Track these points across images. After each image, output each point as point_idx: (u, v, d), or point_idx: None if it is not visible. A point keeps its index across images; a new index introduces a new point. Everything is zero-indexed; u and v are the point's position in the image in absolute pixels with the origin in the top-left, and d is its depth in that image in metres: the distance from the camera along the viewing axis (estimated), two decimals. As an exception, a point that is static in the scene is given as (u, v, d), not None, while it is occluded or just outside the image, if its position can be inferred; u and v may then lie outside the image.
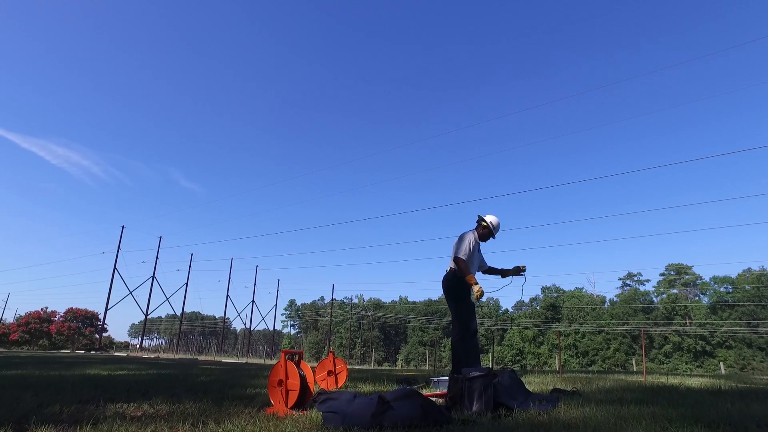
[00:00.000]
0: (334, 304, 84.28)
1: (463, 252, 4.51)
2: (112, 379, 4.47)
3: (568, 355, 55.62)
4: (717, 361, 48.56)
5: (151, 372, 5.94)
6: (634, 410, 2.29)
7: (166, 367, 8.35)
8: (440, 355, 69.48)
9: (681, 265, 58.48)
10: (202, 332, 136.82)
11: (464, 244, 4.56)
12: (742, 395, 3.35)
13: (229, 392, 3.58)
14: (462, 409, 2.63)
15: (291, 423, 2.14)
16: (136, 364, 9.22)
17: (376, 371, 6.77)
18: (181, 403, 2.74)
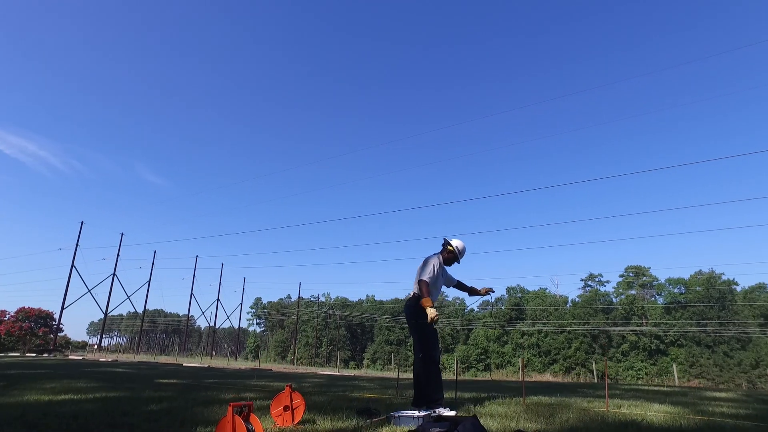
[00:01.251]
0: (300, 302, 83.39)
1: (427, 275, 4.45)
2: (50, 411, 4.08)
3: (531, 354, 56.81)
4: (669, 359, 50.58)
5: (98, 396, 5.52)
6: None
7: (118, 383, 7.86)
8: (406, 354, 69.80)
9: (639, 267, 60.63)
10: (165, 330, 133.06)
11: (429, 268, 4.50)
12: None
13: (181, 430, 3.30)
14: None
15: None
16: (86, 379, 8.65)
17: (336, 393, 6.52)
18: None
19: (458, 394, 6.24)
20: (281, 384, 8.33)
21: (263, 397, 5.68)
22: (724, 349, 49.71)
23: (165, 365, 24.75)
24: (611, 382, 48.00)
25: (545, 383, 14.76)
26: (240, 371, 20.48)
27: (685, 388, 11.25)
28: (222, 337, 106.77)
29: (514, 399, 5.60)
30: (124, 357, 43.68)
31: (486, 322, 66.91)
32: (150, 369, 16.32)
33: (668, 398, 6.66)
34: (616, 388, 9.39)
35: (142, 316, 63.51)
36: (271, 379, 11.12)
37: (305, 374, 19.09)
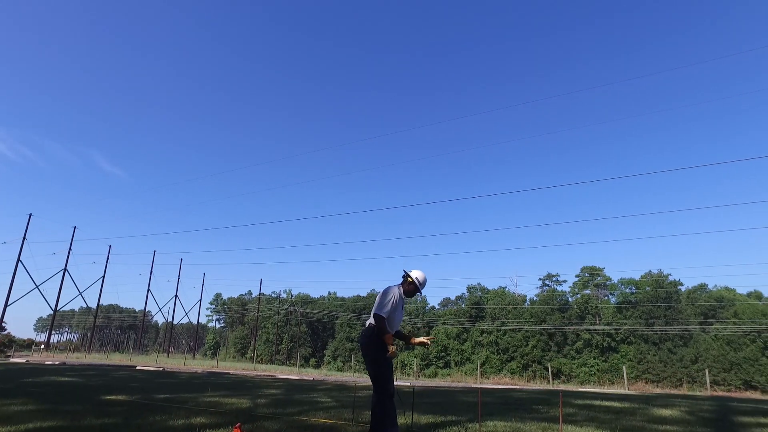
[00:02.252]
0: (261, 298, 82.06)
1: (384, 309, 4.34)
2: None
3: (490, 351, 57.91)
4: (620, 356, 52.67)
5: (30, 427, 5.11)
6: None
7: (59, 402, 7.37)
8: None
9: (594, 267, 62.75)
10: (121, 326, 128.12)
11: (387, 301, 4.39)
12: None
13: None
14: None
15: None
16: (24, 397, 8.11)
17: (292, 415, 6.35)
18: None
19: (415, 418, 6.18)
20: (235, 402, 8.06)
21: (213, 424, 5.44)
22: (669, 346, 52.17)
23: (117, 369, 23.68)
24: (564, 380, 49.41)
25: (502, 393, 15.00)
26: (196, 376, 19.83)
27: (633, 400, 11.63)
28: (180, 333, 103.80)
29: (470, 426, 5.57)
30: (73, 357, 41.65)
31: (446, 320, 67.77)
32: (99, 376, 15.54)
33: (619, 420, 6.81)
34: (570, 404, 9.57)
35: (95, 313, 60.79)
36: (226, 391, 10.77)
37: (263, 380, 18.69)
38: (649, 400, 12.15)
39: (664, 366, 50.05)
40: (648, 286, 58.15)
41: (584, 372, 52.81)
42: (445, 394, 12.53)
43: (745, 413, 8.83)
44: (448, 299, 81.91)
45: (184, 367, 32.04)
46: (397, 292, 4.49)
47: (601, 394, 15.36)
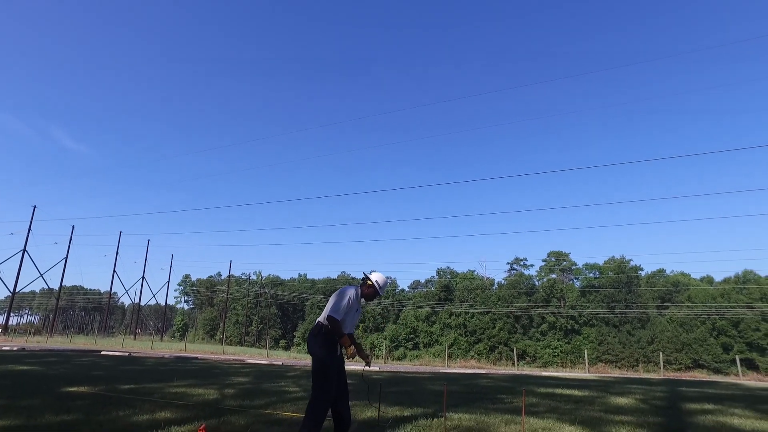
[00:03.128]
0: (231, 280, 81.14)
1: (337, 312, 4.27)
2: None
3: (458, 333, 59.14)
4: (582, 338, 54.73)
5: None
6: None
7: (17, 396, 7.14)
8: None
9: (561, 252, 64.55)
10: (85, 308, 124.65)
11: (341, 303, 4.33)
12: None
13: None
14: None
15: None
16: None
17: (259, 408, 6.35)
18: None
19: (382, 410, 6.27)
20: (202, 393, 8.00)
21: (178, 420, 5.39)
22: (628, 329, 54.52)
23: (80, 354, 23.05)
24: (529, 361, 50.96)
25: (468, 381, 15.34)
26: (163, 362, 19.55)
27: (593, 387, 12.10)
28: (147, 315, 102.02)
29: (436, 421, 5.70)
30: (34, 341, 40.31)
31: (416, 302, 68.70)
32: (61, 363, 15.12)
33: (578, 410, 7.10)
34: (533, 393, 9.90)
35: (57, 294, 58.87)
36: (193, 380, 10.68)
37: (231, 366, 18.60)
38: (608, 386, 12.69)
39: (623, 347, 52.31)
40: (611, 271, 60.31)
41: (548, 354, 54.66)
42: (414, 381, 12.76)
43: (692, 399, 9.36)
44: (418, 282, 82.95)
45: (151, 351, 31.56)
46: (354, 295, 4.42)
47: (563, 381, 15.95)
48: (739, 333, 49.14)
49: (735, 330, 49.45)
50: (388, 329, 65.79)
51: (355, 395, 8.42)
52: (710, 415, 6.97)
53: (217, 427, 4.96)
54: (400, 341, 62.92)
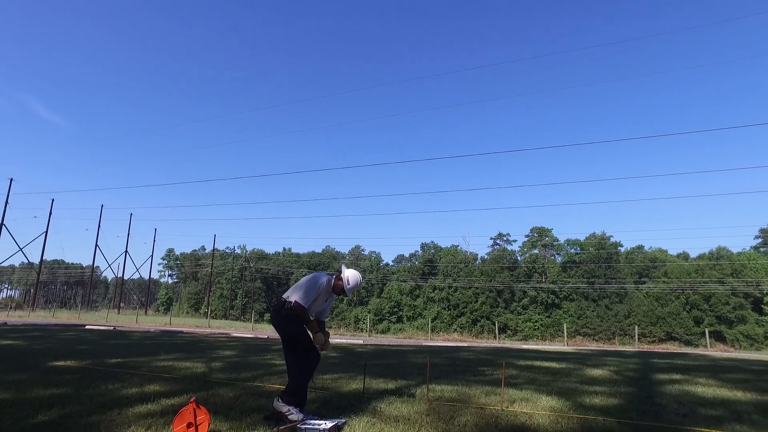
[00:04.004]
0: (215, 254, 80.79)
1: (304, 299, 4.30)
2: None
3: (441, 307, 60.19)
4: (562, 312, 56.19)
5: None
6: None
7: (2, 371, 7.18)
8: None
9: (543, 228, 65.57)
10: (67, 282, 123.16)
11: (310, 292, 4.34)
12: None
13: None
14: None
15: None
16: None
17: (246, 381, 6.49)
18: None
19: (367, 382, 6.48)
20: (190, 367, 8.13)
21: (167, 392, 5.51)
22: (606, 303, 56.10)
23: (64, 329, 22.97)
24: (510, 334, 52.23)
25: (450, 353, 15.72)
26: (149, 336, 19.63)
27: (570, 360, 12.54)
28: (131, 289, 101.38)
29: (419, 391, 5.92)
30: (15, 316, 39.89)
31: (400, 276, 69.48)
32: (45, 338, 15.10)
33: (555, 382, 7.42)
34: (513, 365, 10.25)
35: (38, 268, 58.01)
36: (180, 353, 10.80)
37: (218, 339, 18.77)
38: (584, 359, 13.18)
39: (601, 321, 53.91)
40: (591, 247, 61.56)
41: (529, 327, 56.08)
42: (398, 354, 13.08)
43: (661, 370, 9.83)
44: (402, 256, 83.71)
45: (136, 325, 31.58)
46: (325, 284, 4.43)
47: (542, 353, 16.48)
48: (710, 307, 50.94)
49: (707, 304, 51.23)
50: (373, 303, 66.61)
51: (343, 368, 8.65)
52: (677, 385, 7.37)
53: (206, 399, 5.09)
54: (384, 315, 63.84)
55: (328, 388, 6.16)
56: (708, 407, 5.62)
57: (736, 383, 7.79)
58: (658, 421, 4.72)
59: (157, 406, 4.75)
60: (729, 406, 5.72)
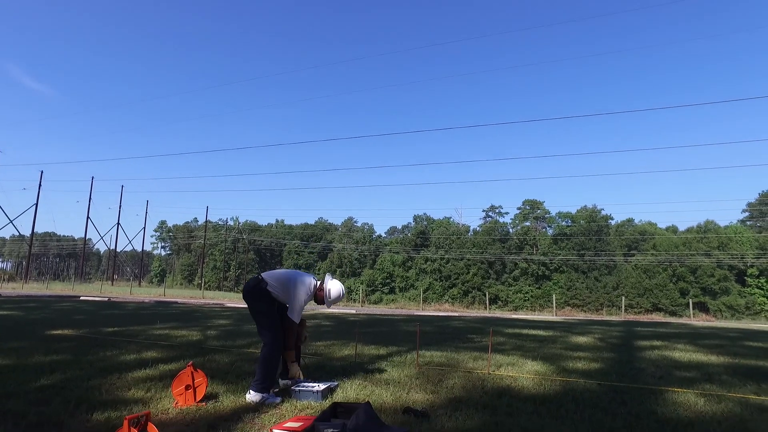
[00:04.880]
0: (208, 226, 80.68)
1: (296, 312, 4.27)
2: None
3: (433, 278, 60.95)
4: (552, 284, 57.13)
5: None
6: None
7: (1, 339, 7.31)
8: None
9: (535, 201, 65.96)
10: (59, 254, 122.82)
11: (300, 301, 4.28)
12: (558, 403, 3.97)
13: (75, 418, 3.21)
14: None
15: None
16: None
17: (241, 348, 6.69)
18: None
19: (359, 349, 6.70)
20: (185, 335, 8.33)
21: (165, 359, 5.69)
22: (595, 275, 57.07)
23: (59, 300, 23.14)
24: (501, 305, 53.15)
25: (441, 322, 16.08)
26: (144, 306, 19.85)
27: (557, 328, 12.89)
28: (124, 261, 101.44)
29: (409, 357, 6.14)
30: (9, 287, 39.94)
31: (392, 248, 69.98)
32: (41, 308, 15.24)
33: (541, 348, 7.70)
34: (501, 333, 10.55)
35: (30, 241, 57.79)
36: (176, 323, 11.00)
37: (212, 309, 19.02)
38: (571, 327, 13.58)
39: (590, 292, 54.95)
40: (582, 219, 62.14)
41: (519, 298, 57.07)
42: (389, 323, 13.38)
43: (644, 338, 10.20)
44: (395, 228, 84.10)
45: (131, 297, 31.80)
46: (310, 292, 4.39)
47: (530, 322, 16.90)
48: (695, 279, 52.01)
49: (693, 276, 52.28)
50: (365, 274, 67.26)
51: (335, 335, 8.89)
52: (656, 350, 7.69)
53: (202, 364, 5.26)
54: (376, 286, 64.57)
55: (321, 354, 6.37)
56: (683, 370, 5.91)
57: (711, 348, 8.14)
58: (636, 382, 4.97)
59: (155, 371, 4.92)
60: (702, 368, 6.02)
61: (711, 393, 4.57)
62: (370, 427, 3.16)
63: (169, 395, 3.89)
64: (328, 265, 73.12)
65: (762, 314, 46.25)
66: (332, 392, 4.21)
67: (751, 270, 51.84)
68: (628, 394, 4.38)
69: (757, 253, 52.17)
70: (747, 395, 4.54)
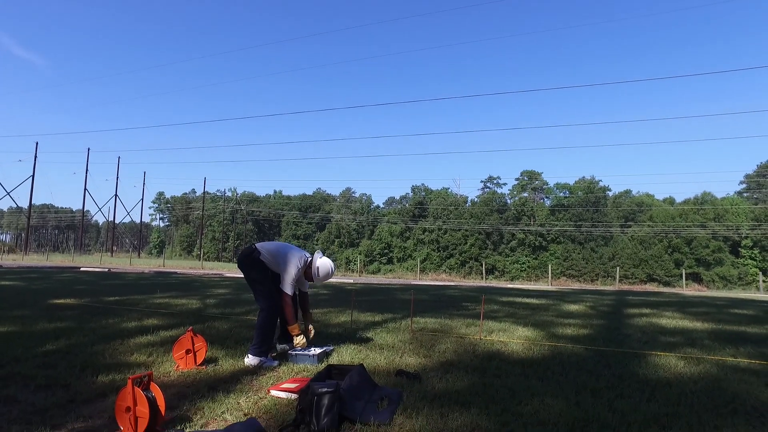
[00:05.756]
0: (206, 197, 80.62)
1: (288, 285, 4.31)
2: None
3: (431, 249, 61.38)
4: (549, 254, 57.63)
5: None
6: (458, 420, 2.68)
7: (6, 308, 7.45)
8: (312, 248, 72.00)
9: (533, 171, 65.88)
10: (58, 226, 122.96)
11: (293, 274, 4.31)
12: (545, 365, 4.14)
13: (81, 381, 3.37)
14: (310, 424, 2.83)
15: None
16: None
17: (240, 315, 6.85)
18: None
19: (355, 316, 6.87)
20: (185, 303, 8.50)
21: (165, 326, 5.85)
22: (592, 246, 57.54)
23: (60, 271, 23.36)
24: (498, 275, 53.73)
25: (437, 291, 16.31)
26: (144, 276, 20.07)
27: (551, 297, 13.13)
28: (123, 233, 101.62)
29: (404, 323, 6.32)
30: (9, 259, 40.16)
31: (390, 218, 70.19)
32: (42, 278, 15.43)
33: (533, 316, 7.90)
34: (494, 301, 10.76)
35: (27, 213, 57.78)
36: (175, 292, 11.19)
37: (211, 279, 19.25)
38: (564, 296, 13.84)
39: (586, 263, 55.52)
40: (580, 190, 62.21)
41: (516, 269, 57.67)
42: (386, 291, 13.61)
43: (634, 305, 10.45)
44: (393, 198, 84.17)
45: (130, 267, 32.06)
46: (301, 266, 4.40)
47: (524, 291, 17.20)
48: (690, 250, 52.52)
49: (688, 247, 52.77)
50: (363, 244, 67.66)
51: (332, 303, 9.09)
52: (645, 317, 7.91)
53: (202, 330, 5.43)
54: (374, 256, 65.05)
55: (317, 320, 6.54)
56: (668, 335, 6.11)
57: (697, 315, 8.38)
58: (621, 347, 5.16)
59: (157, 337, 5.08)
60: (687, 334, 6.23)
61: (691, 356, 4.75)
62: (362, 387, 3.32)
63: (170, 359, 4.04)
64: (326, 235, 73.45)
65: (753, 284, 46.92)
66: (328, 356, 4.36)
67: (745, 241, 52.32)
68: (613, 358, 4.56)
69: (752, 225, 52.54)
70: (725, 357, 4.73)
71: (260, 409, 2.90)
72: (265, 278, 4.43)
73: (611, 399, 3.16)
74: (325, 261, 4.53)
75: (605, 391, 3.35)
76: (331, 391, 2.97)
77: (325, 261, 4.53)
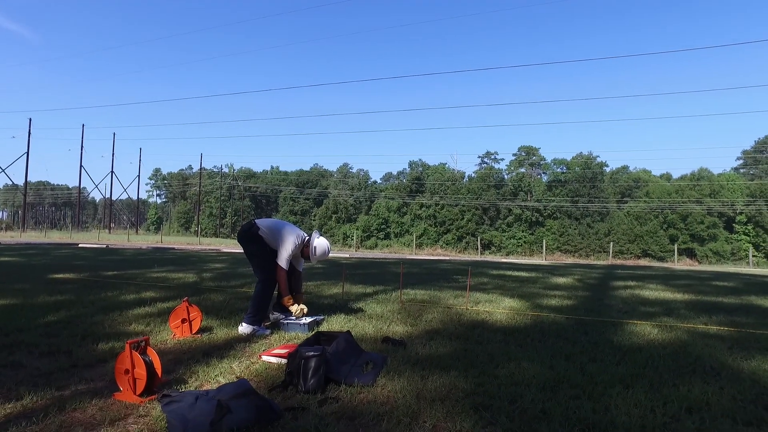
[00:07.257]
0: (203, 173, 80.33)
1: (284, 259, 4.48)
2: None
3: (428, 224, 61.67)
4: (545, 230, 58.00)
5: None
6: (438, 382, 2.86)
7: (6, 282, 7.64)
8: (310, 224, 72.32)
9: (531, 147, 65.68)
10: (55, 203, 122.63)
11: (289, 250, 4.48)
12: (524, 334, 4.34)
13: (82, 348, 3.55)
14: (298, 384, 3.01)
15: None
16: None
17: (235, 288, 7.03)
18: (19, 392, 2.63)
19: (347, 288, 7.07)
20: (182, 277, 8.68)
21: (162, 298, 6.03)
22: (588, 222, 57.90)
23: (58, 247, 23.54)
24: (494, 251, 54.18)
25: (430, 264, 16.57)
26: (141, 252, 20.27)
27: (541, 270, 13.38)
28: (120, 209, 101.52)
29: (394, 295, 6.52)
30: (7, 236, 40.33)
31: (388, 194, 70.20)
32: (41, 255, 15.60)
33: (521, 288, 8.12)
34: (485, 274, 10.99)
35: (23, 190, 57.62)
36: (172, 266, 11.38)
37: (208, 254, 19.46)
38: (554, 269, 14.11)
39: (582, 239, 55.95)
40: (578, 166, 62.20)
41: (512, 244, 58.11)
42: (379, 265, 13.84)
43: (620, 278, 10.70)
44: (390, 174, 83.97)
45: (128, 243, 32.28)
46: (298, 243, 4.56)
47: (516, 265, 17.47)
48: (686, 226, 52.89)
49: (683, 223, 53.13)
50: (360, 220, 67.85)
51: (325, 276, 9.29)
52: (629, 290, 8.15)
53: (198, 302, 5.61)
54: (371, 231, 65.30)
55: (310, 292, 6.74)
56: (648, 306, 6.34)
57: (680, 287, 8.62)
58: (601, 317, 5.37)
59: (154, 309, 5.27)
60: (666, 304, 6.45)
61: (665, 324, 4.97)
62: (349, 352, 3.51)
63: (167, 329, 4.23)
64: (323, 211, 73.54)
65: (745, 260, 47.48)
66: (318, 325, 4.55)
67: (740, 217, 52.67)
68: (592, 326, 4.77)
69: (747, 201, 52.83)
70: (696, 325, 4.96)
71: (252, 373, 3.08)
72: (263, 252, 4.63)
73: (584, 363, 3.35)
74: (322, 241, 4.68)
75: (578, 356, 3.55)
76: (318, 355, 3.16)
77: (322, 241, 4.68)
